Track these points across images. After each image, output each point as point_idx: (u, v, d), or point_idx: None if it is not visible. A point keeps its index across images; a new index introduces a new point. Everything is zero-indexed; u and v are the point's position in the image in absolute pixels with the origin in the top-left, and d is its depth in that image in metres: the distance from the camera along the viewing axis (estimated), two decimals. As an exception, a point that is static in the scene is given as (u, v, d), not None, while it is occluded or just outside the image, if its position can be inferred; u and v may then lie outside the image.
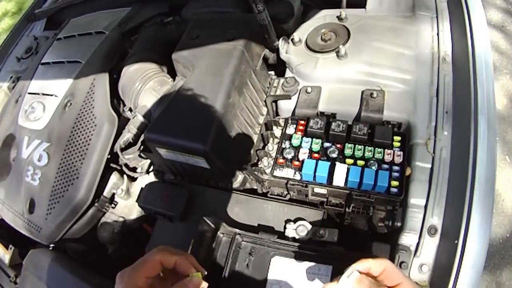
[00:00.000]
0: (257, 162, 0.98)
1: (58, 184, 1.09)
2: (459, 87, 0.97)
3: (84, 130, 1.12)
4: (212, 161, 0.91)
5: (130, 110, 1.20)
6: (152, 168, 1.20)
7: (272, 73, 1.19)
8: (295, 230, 0.88)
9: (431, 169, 0.88)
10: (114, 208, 1.18)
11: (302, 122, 0.99)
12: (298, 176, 0.92)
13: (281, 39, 1.09)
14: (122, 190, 1.16)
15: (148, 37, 1.34)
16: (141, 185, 1.13)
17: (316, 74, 1.07)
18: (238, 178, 1.01)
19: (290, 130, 1.00)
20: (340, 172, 0.88)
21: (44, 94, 1.27)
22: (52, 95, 1.24)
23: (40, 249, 1.11)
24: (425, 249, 0.81)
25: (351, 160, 0.91)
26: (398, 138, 0.93)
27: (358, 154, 0.91)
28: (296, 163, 0.93)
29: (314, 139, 0.95)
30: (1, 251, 1.21)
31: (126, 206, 1.18)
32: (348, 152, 0.92)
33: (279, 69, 1.17)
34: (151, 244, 0.99)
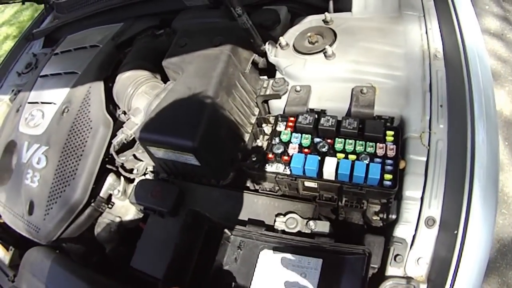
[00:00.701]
0: (246, 158, 0.99)
1: (55, 185, 1.12)
2: (453, 81, 0.97)
3: (81, 133, 1.16)
4: (201, 157, 0.92)
5: (124, 113, 1.24)
6: (148, 170, 1.22)
7: (264, 77, 1.21)
8: (285, 223, 0.88)
9: (427, 161, 0.88)
10: (111, 208, 1.20)
11: (292, 119, 1.00)
12: (287, 171, 0.92)
13: (267, 43, 1.12)
14: (119, 191, 1.19)
15: (141, 47, 1.39)
16: (137, 186, 1.14)
17: (305, 75, 1.08)
18: (229, 174, 1.02)
19: (280, 127, 1.01)
20: (330, 166, 0.88)
21: (43, 103, 1.32)
22: (51, 103, 1.28)
23: (37, 247, 1.13)
24: (422, 241, 0.80)
25: (342, 155, 0.91)
26: (391, 133, 0.93)
27: (349, 148, 0.91)
28: (286, 158, 0.93)
29: (304, 135, 0.96)
30: (1, 252, 1.23)
31: (123, 206, 1.20)
32: (338, 146, 0.92)
33: (273, 74, 1.19)
34: (143, 239, 1.00)
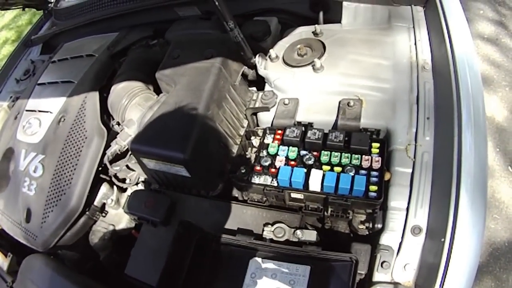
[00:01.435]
0: (235, 170, 1.02)
1: (52, 194, 1.15)
2: (440, 93, 0.98)
3: (76, 143, 1.19)
4: (191, 169, 0.96)
5: (118, 124, 1.27)
6: (140, 179, 1.25)
7: (254, 89, 1.24)
8: (273, 232, 0.91)
9: (412, 173, 0.89)
10: (105, 216, 1.24)
11: (280, 132, 1.03)
12: (275, 183, 0.95)
13: (257, 55, 1.15)
14: (112, 200, 1.22)
15: (135, 58, 1.42)
16: (130, 195, 1.17)
17: (294, 87, 1.11)
18: (219, 186, 1.05)
19: (268, 139, 1.04)
20: (316, 178, 0.91)
21: (40, 111, 1.35)
22: (47, 112, 1.32)
23: (35, 254, 1.16)
24: (408, 248, 0.81)
25: (328, 167, 0.94)
26: (377, 145, 0.95)
27: (335, 160, 0.94)
28: (273, 170, 0.97)
29: (291, 147, 0.99)
30: (0, 258, 1.26)
31: (116, 214, 1.24)
32: (324, 159, 0.95)
33: (262, 85, 1.22)
34: (137, 247, 1.03)
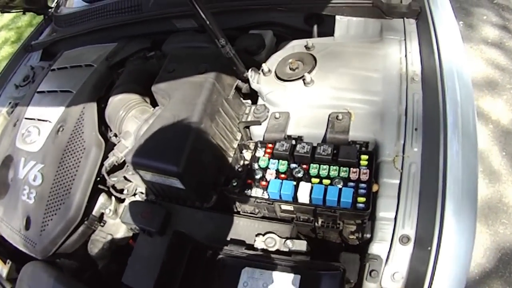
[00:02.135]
0: (228, 182, 1.06)
1: (51, 203, 1.18)
2: (428, 103, 1.00)
3: (75, 153, 1.22)
4: (185, 181, 1.00)
5: (115, 135, 1.31)
6: (138, 190, 1.28)
7: (248, 101, 1.28)
8: (264, 242, 0.95)
9: (400, 184, 0.92)
10: (103, 226, 1.27)
11: (270, 146, 1.06)
12: (266, 195, 0.99)
13: (250, 70, 1.18)
14: (110, 210, 1.26)
15: (132, 70, 1.46)
16: (127, 206, 1.20)
17: (285, 101, 1.15)
18: (212, 197, 1.09)
19: (259, 153, 1.07)
20: (304, 190, 0.94)
21: (39, 120, 1.38)
22: (46, 121, 1.35)
23: (34, 261, 1.20)
24: (397, 257, 0.83)
25: (316, 179, 0.97)
26: (365, 157, 0.98)
27: (324, 173, 0.97)
28: (263, 183, 1.00)
29: (281, 161, 1.03)
30: (-1, 265, 1.29)
31: (114, 224, 1.27)
32: (313, 172, 0.98)
33: (256, 98, 1.25)
34: (134, 256, 1.06)
